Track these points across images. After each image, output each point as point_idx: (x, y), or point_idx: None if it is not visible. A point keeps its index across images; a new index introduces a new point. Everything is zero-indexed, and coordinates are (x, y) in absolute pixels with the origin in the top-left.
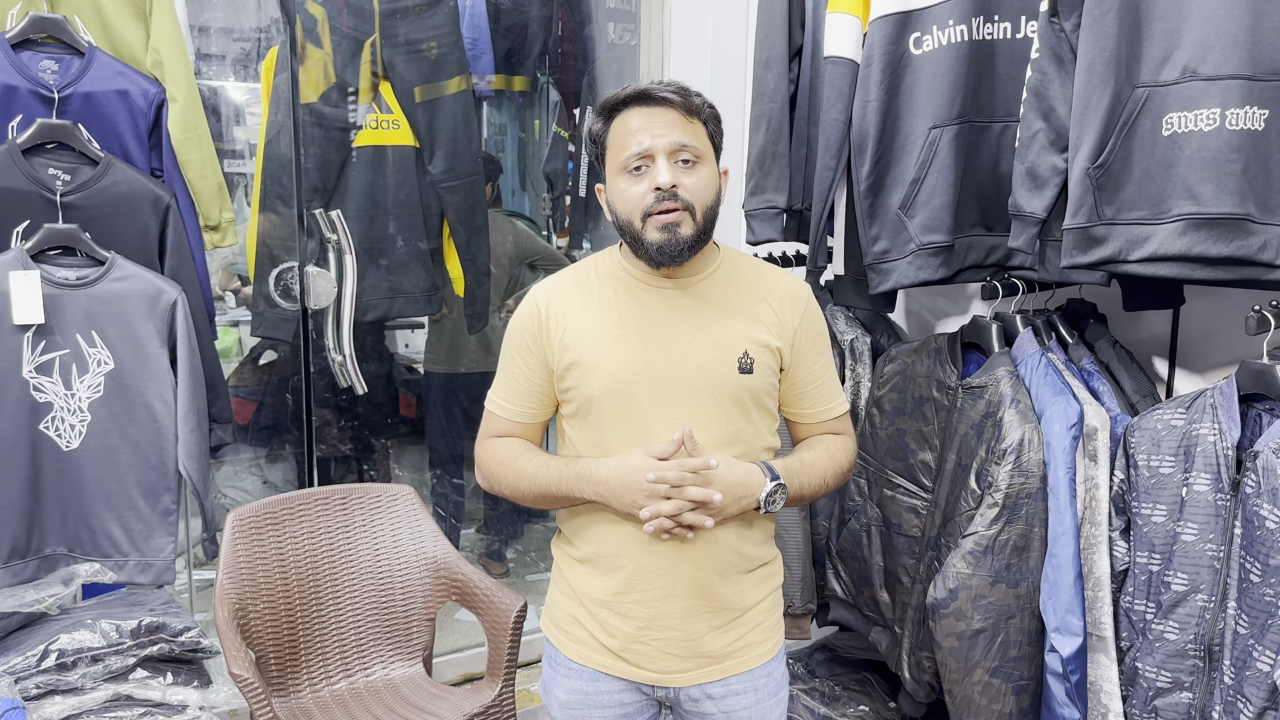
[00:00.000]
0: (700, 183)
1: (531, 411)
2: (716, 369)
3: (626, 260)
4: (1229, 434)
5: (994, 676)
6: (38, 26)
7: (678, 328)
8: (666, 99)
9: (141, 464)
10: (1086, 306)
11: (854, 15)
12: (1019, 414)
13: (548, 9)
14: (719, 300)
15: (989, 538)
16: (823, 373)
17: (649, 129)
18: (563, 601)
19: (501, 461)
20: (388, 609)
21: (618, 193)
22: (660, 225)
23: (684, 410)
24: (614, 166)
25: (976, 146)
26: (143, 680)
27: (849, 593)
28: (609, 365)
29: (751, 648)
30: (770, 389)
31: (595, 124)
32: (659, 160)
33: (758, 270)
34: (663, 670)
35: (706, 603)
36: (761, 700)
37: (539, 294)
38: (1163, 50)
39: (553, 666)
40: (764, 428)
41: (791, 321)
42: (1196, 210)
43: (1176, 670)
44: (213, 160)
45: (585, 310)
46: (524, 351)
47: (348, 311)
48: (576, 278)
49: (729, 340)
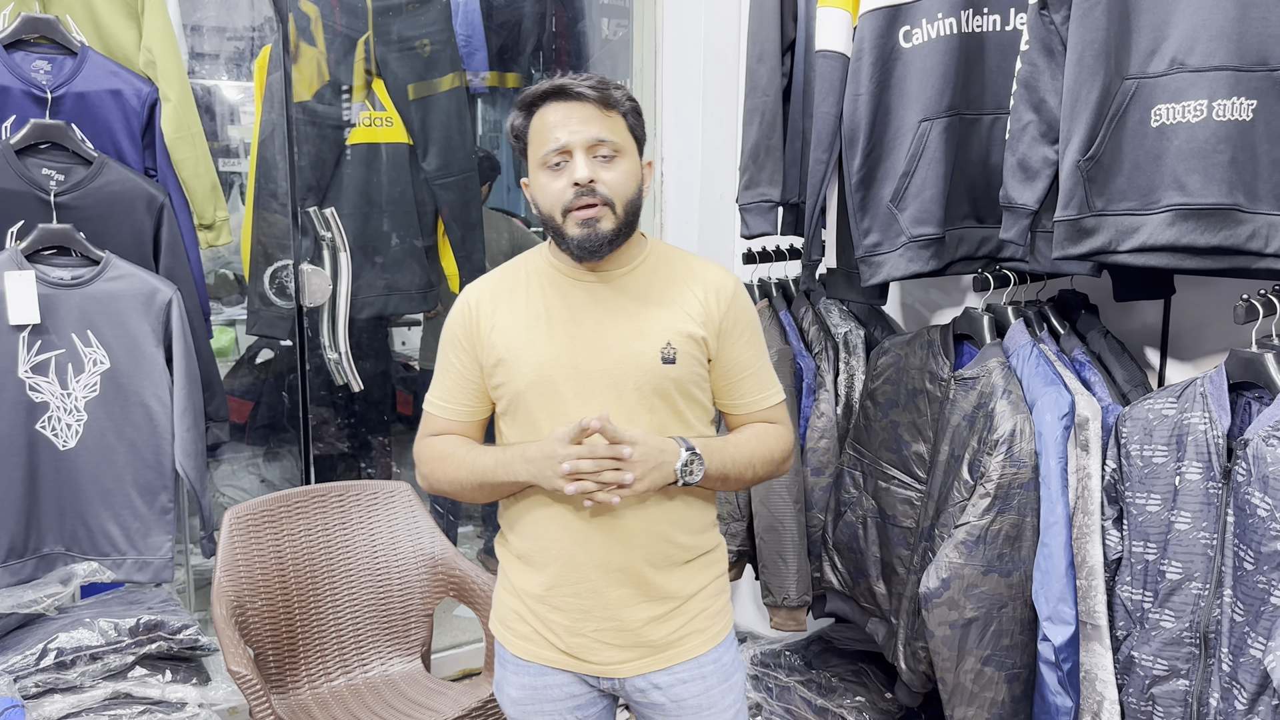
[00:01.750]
0: (619, 177)
1: (468, 409)
2: (639, 359)
3: (553, 255)
4: (1219, 422)
5: (986, 665)
6: (30, 27)
7: (601, 320)
8: (582, 94)
9: (138, 463)
10: (1078, 297)
11: (844, 9)
12: (1011, 405)
13: (541, 5)
14: (643, 292)
15: (981, 528)
16: (753, 363)
17: (566, 124)
18: (506, 599)
19: (440, 456)
20: (386, 605)
21: (539, 188)
22: (580, 221)
23: (608, 402)
24: (534, 161)
25: (967, 139)
26: (141, 678)
27: (845, 584)
28: (533, 360)
29: (695, 635)
30: (697, 379)
31: (516, 119)
32: (577, 155)
33: (685, 262)
34: (606, 662)
35: (642, 593)
36: (711, 688)
37: (469, 293)
38: (1151, 42)
39: (503, 665)
40: (694, 419)
41: (717, 311)
42: (1185, 201)
43: (1173, 658)
44: (206, 159)
45: (513, 307)
46: (457, 350)
47: (343, 309)
48: (506, 275)
49: (652, 331)
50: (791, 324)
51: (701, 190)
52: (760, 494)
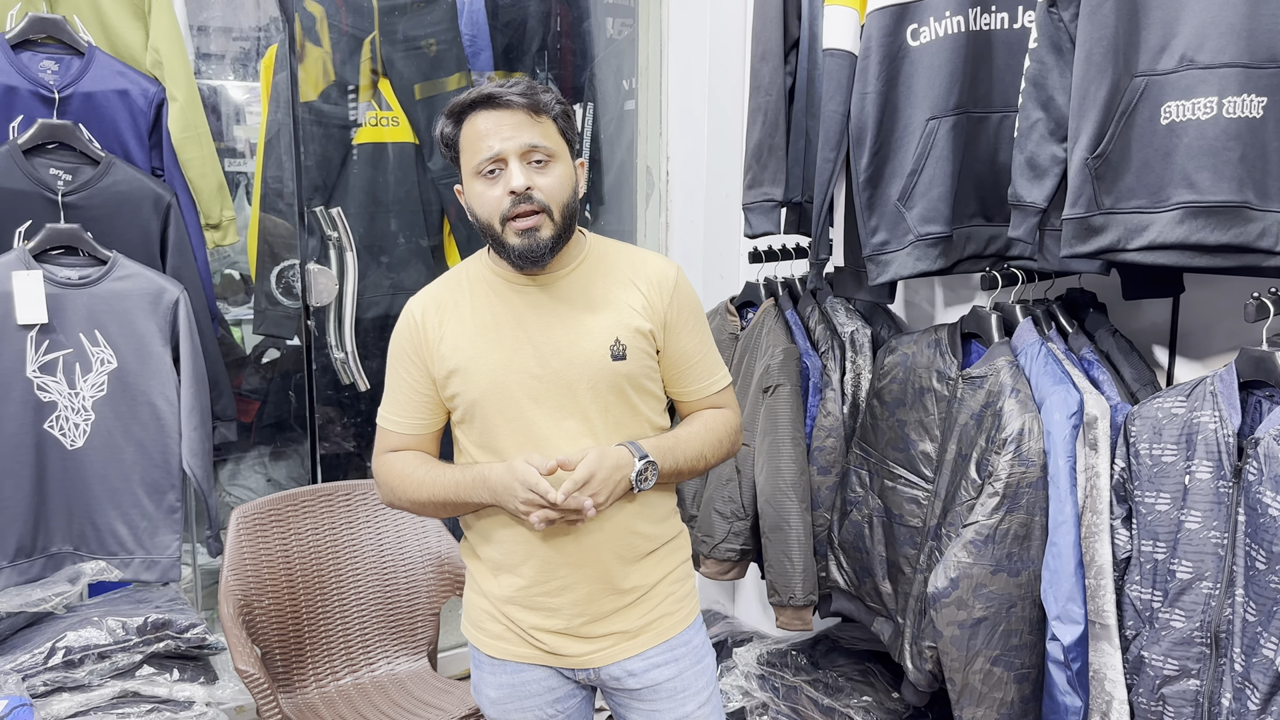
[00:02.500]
0: (555, 182)
1: (423, 422)
2: (590, 360)
3: (493, 262)
4: (1230, 421)
5: (995, 665)
6: (37, 27)
7: (548, 324)
8: (511, 101)
9: (146, 462)
10: (1086, 296)
11: (851, 8)
12: (1019, 403)
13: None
14: (587, 291)
15: (990, 527)
16: (698, 349)
17: (498, 132)
18: (476, 600)
19: (400, 475)
20: (392, 604)
21: (475, 196)
22: (519, 230)
23: (564, 403)
24: (468, 170)
25: (975, 137)
26: (149, 677)
27: (851, 584)
28: (485, 368)
29: (664, 619)
30: (648, 371)
31: (446, 127)
32: (511, 163)
33: (625, 256)
34: (578, 654)
35: (610, 586)
36: (684, 670)
37: (414, 306)
38: (1160, 39)
39: (478, 667)
40: (648, 410)
41: (661, 303)
42: (1195, 198)
43: (1184, 658)
44: (213, 159)
45: (459, 317)
46: (407, 363)
47: (349, 309)
48: (449, 285)
49: (599, 330)
50: (798, 323)
51: (707, 190)
52: (766, 493)
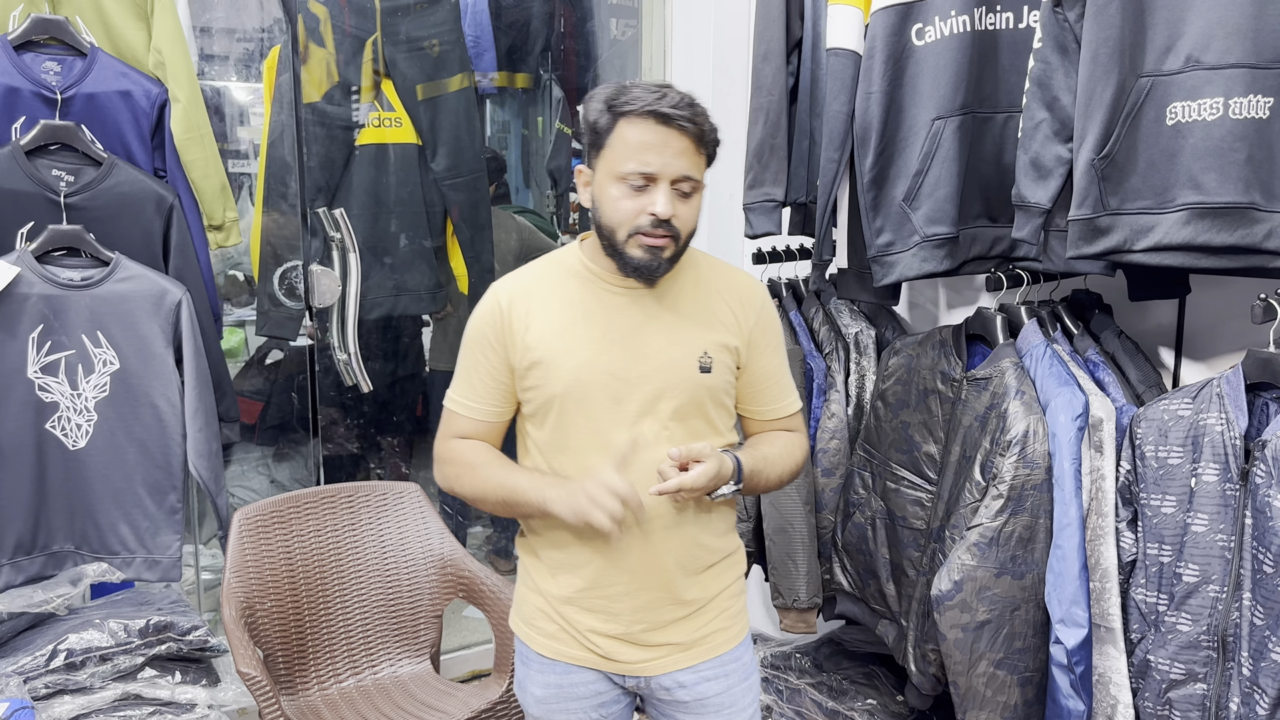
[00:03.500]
0: (692, 213)
1: (495, 410)
2: (677, 368)
3: (589, 257)
4: (1236, 423)
5: (999, 668)
6: (40, 28)
7: (639, 327)
8: (685, 128)
9: (148, 463)
10: (1091, 297)
11: (856, 7)
12: (1024, 405)
13: (550, 5)
14: (680, 301)
15: (994, 529)
16: (777, 370)
17: (661, 153)
18: (530, 598)
19: (469, 464)
20: (395, 606)
21: (608, 200)
22: (644, 246)
23: (644, 408)
24: (610, 169)
25: (980, 137)
26: (151, 679)
27: (855, 586)
28: (571, 365)
29: (719, 634)
30: (728, 387)
31: (601, 116)
32: (662, 188)
33: (716, 270)
34: (632, 661)
35: (670, 595)
36: (733, 685)
37: (500, 291)
38: (1166, 39)
39: (525, 663)
40: (722, 424)
41: (747, 321)
42: (1201, 199)
43: (1190, 662)
44: (216, 160)
45: (547, 309)
46: (486, 349)
47: (352, 310)
48: (539, 275)
49: (689, 340)
50: (802, 324)
51: (711, 190)
52: (770, 495)
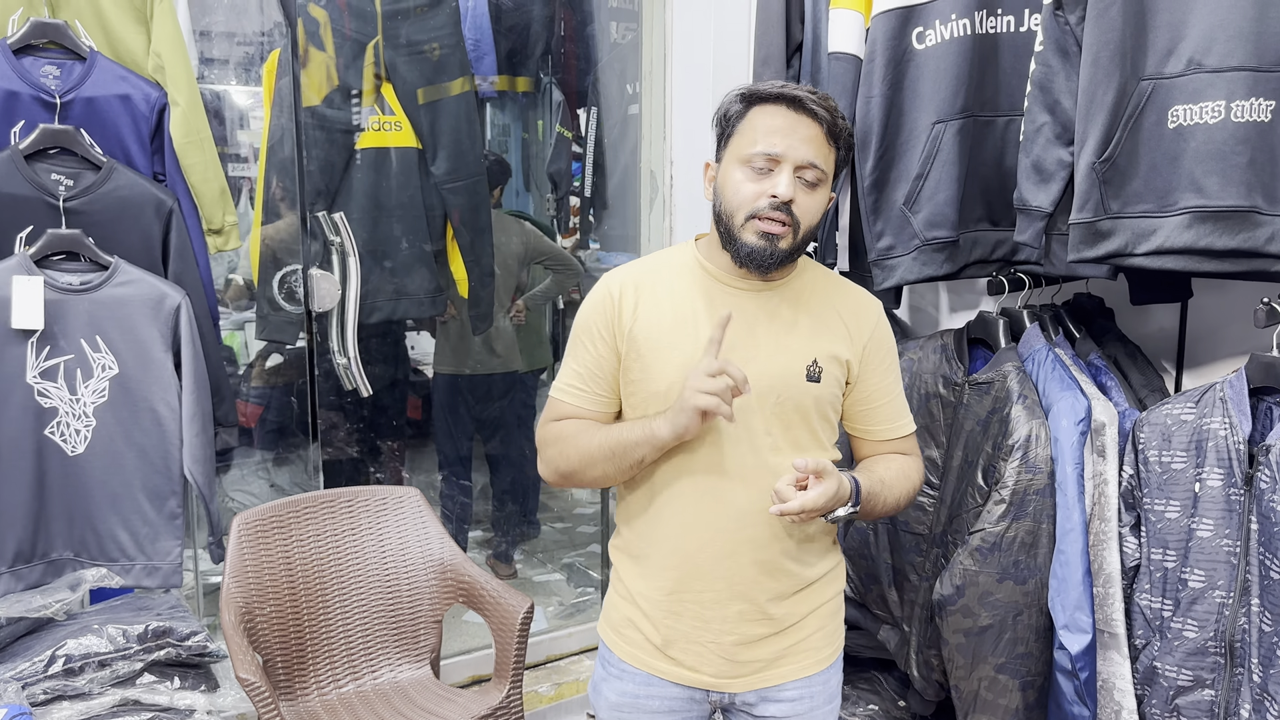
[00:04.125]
0: (815, 205)
1: (600, 399)
2: (784, 375)
3: (704, 255)
4: (1240, 428)
5: (1001, 673)
6: (39, 32)
7: (748, 330)
8: (815, 113)
9: (147, 468)
10: (1093, 301)
11: (857, 11)
12: (1026, 409)
13: (550, 9)
14: (791, 307)
15: (996, 534)
16: (891, 389)
17: (787, 135)
18: (620, 604)
19: (569, 436)
20: (395, 611)
21: (730, 183)
22: (760, 231)
23: (748, 412)
24: (735, 154)
25: (981, 141)
26: (150, 685)
27: (857, 591)
28: (676, 361)
29: (809, 654)
30: (835, 400)
31: (733, 106)
32: (784, 170)
33: (831, 281)
34: (717, 674)
35: (762, 609)
36: (817, 708)
37: (612, 281)
38: (1167, 42)
39: (605, 666)
40: (825, 438)
41: (862, 335)
42: (1203, 203)
43: (1197, 668)
44: (215, 164)
45: (657, 302)
46: (594, 338)
47: (352, 314)
48: (651, 267)
49: (798, 347)
50: None
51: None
52: None
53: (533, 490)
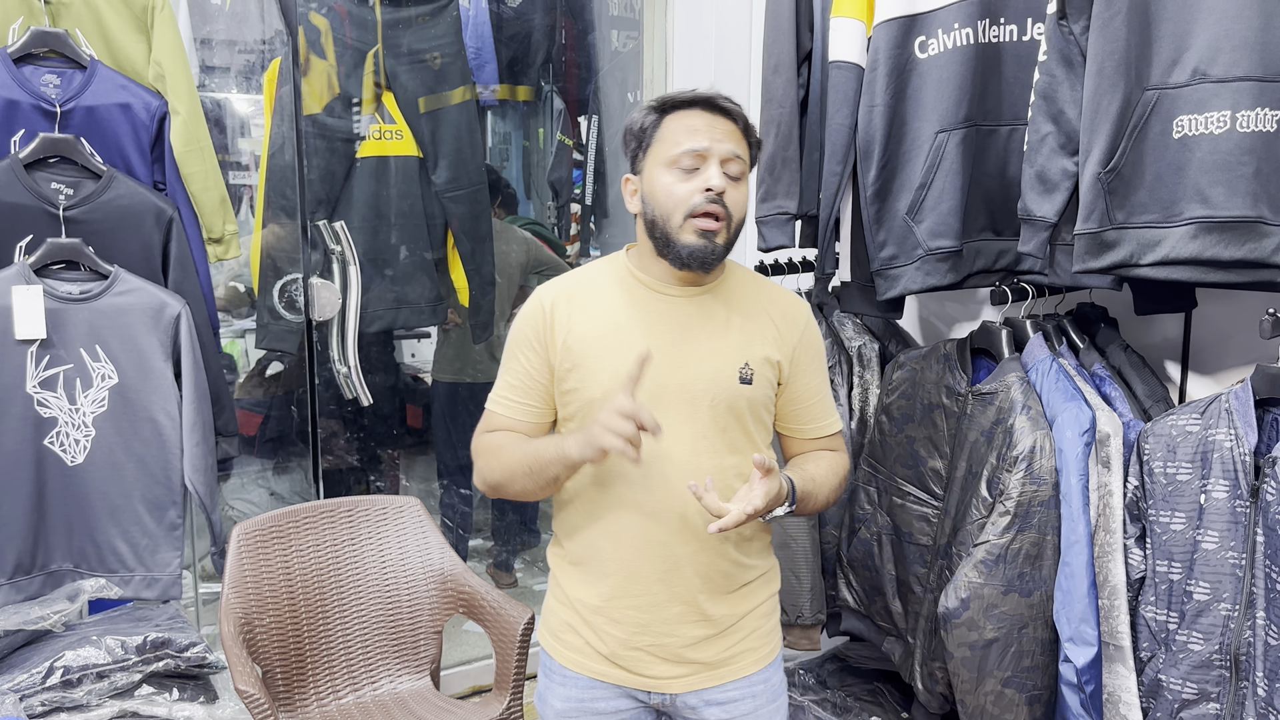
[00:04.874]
0: (739, 198)
1: (534, 410)
2: (717, 377)
3: (634, 265)
4: (1246, 439)
5: (1007, 686)
6: (39, 41)
7: (681, 335)
8: (729, 110)
9: (146, 478)
10: (1097, 311)
11: (858, 19)
12: (1030, 420)
13: (551, 18)
14: (723, 311)
15: (1001, 546)
16: (820, 389)
17: (709, 132)
18: (558, 609)
19: (496, 448)
20: (395, 622)
21: (660, 187)
22: (701, 230)
23: (682, 416)
24: (659, 160)
25: (984, 150)
26: (149, 696)
27: (861, 602)
28: (610, 368)
29: (748, 654)
30: (768, 401)
31: (647, 118)
32: (712, 164)
33: (760, 285)
34: (659, 676)
35: (700, 610)
36: (760, 707)
37: (544, 294)
38: (1172, 52)
39: (548, 675)
40: (759, 440)
41: (791, 337)
42: (1208, 213)
43: (1202, 681)
44: (215, 173)
45: (590, 313)
46: (528, 350)
47: (352, 323)
48: (583, 280)
49: (731, 350)
50: None
51: None
52: None
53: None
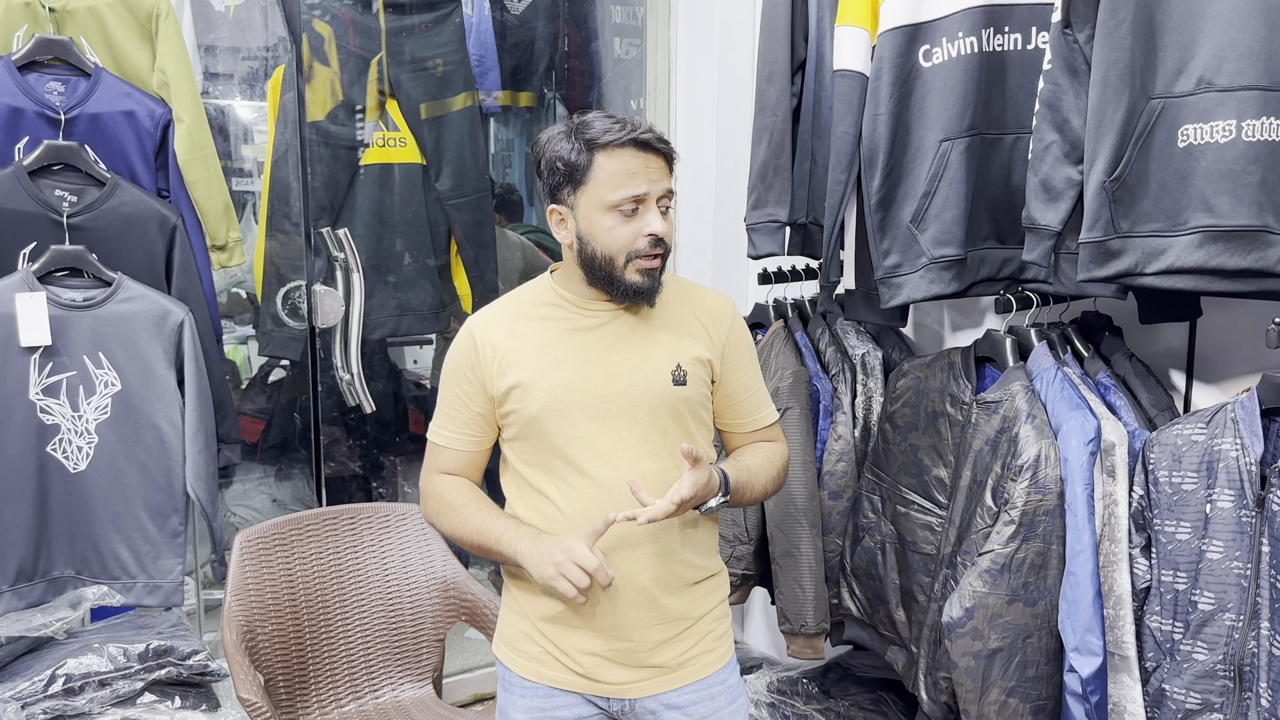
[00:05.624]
0: (671, 229)
1: (474, 439)
2: (651, 383)
3: (561, 286)
4: (1252, 449)
5: (1011, 696)
6: (44, 48)
7: (611, 346)
8: (659, 150)
9: (149, 485)
10: (1102, 319)
11: (863, 28)
12: (1035, 429)
13: (554, 25)
14: (651, 319)
15: (1006, 555)
16: (753, 383)
17: (646, 174)
18: (514, 620)
19: (450, 505)
20: (397, 630)
21: (601, 230)
22: (644, 270)
23: (622, 424)
24: (597, 203)
25: (988, 159)
26: (151, 704)
27: (864, 611)
28: (547, 385)
29: (704, 656)
30: (704, 400)
31: (574, 152)
32: (652, 208)
33: (684, 289)
34: (617, 682)
35: (656, 614)
36: (719, 709)
37: (474, 325)
38: (1177, 61)
39: (507, 689)
40: (700, 439)
41: (720, 335)
42: (1214, 222)
43: (1206, 691)
44: (219, 180)
45: (520, 335)
46: (462, 381)
47: (355, 330)
48: (508, 306)
49: (661, 354)
50: (808, 345)
51: (715, 210)
52: (776, 519)
53: None
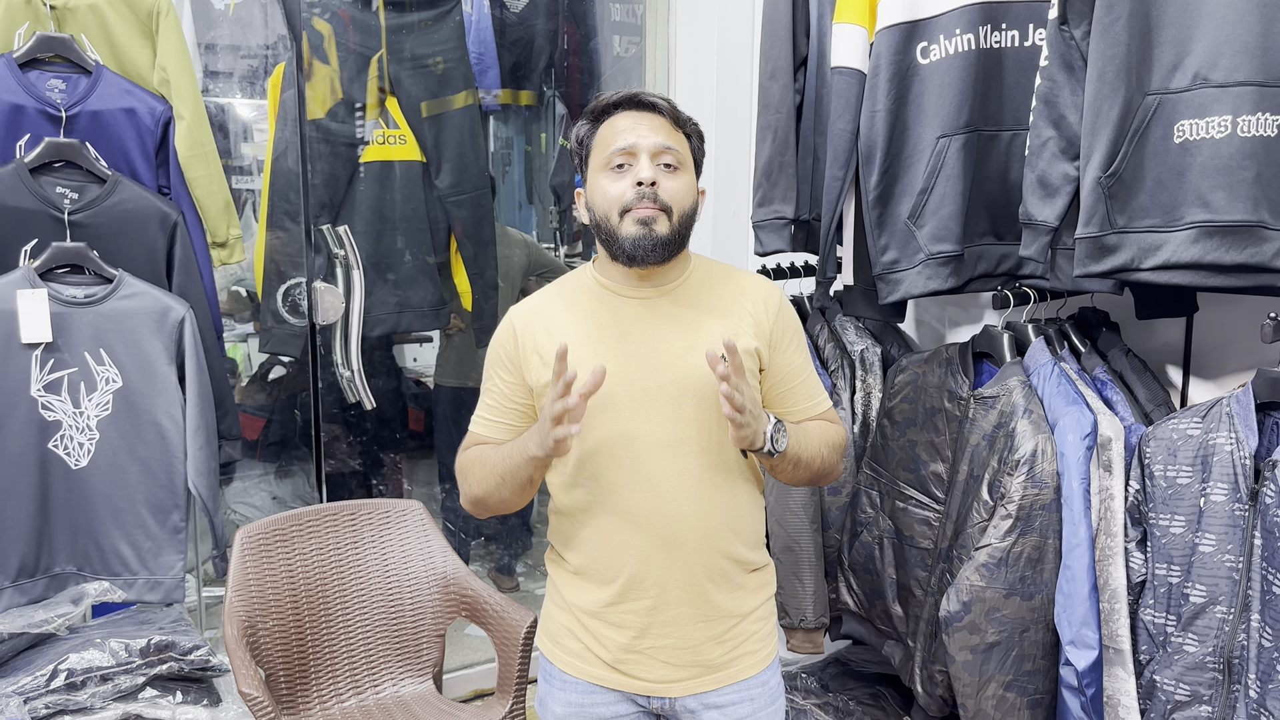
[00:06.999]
0: (680, 187)
1: (514, 429)
2: (696, 373)
3: (600, 273)
4: (1246, 443)
5: (1008, 690)
6: (45, 46)
7: (655, 335)
8: (655, 105)
9: (150, 482)
10: (1099, 315)
11: (861, 25)
12: (1032, 424)
13: (553, 23)
14: (694, 305)
15: (1003, 550)
16: (803, 369)
17: (635, 129)
18: (557, 614)
19: (476, 463)
20: (397, 625)
21: (597, 191)
22: (636, 219)
23: (667, 416)
24: (596, 165)
25: (985, 155)
26: (152, 699)
27: (861, 606)
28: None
29: (747, 656)
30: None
31: (582, 128)
32: (642, 158)
33: (729, 275)
34: (658, 680)
35: (700, 611)
36: (758, 710)
37: (515, 314)
38: (1173, 57)
39: (548, 680)
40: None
41: (767, 322)
42: (1209, 218)
43: (1195, 683)
44: (220, 177)
45: (561, 326)
46: (502, 371)
47: (355, 327)
48: (551, 296)
49: (705, 344)
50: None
51: (715, 207)
52: (776, 513)
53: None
